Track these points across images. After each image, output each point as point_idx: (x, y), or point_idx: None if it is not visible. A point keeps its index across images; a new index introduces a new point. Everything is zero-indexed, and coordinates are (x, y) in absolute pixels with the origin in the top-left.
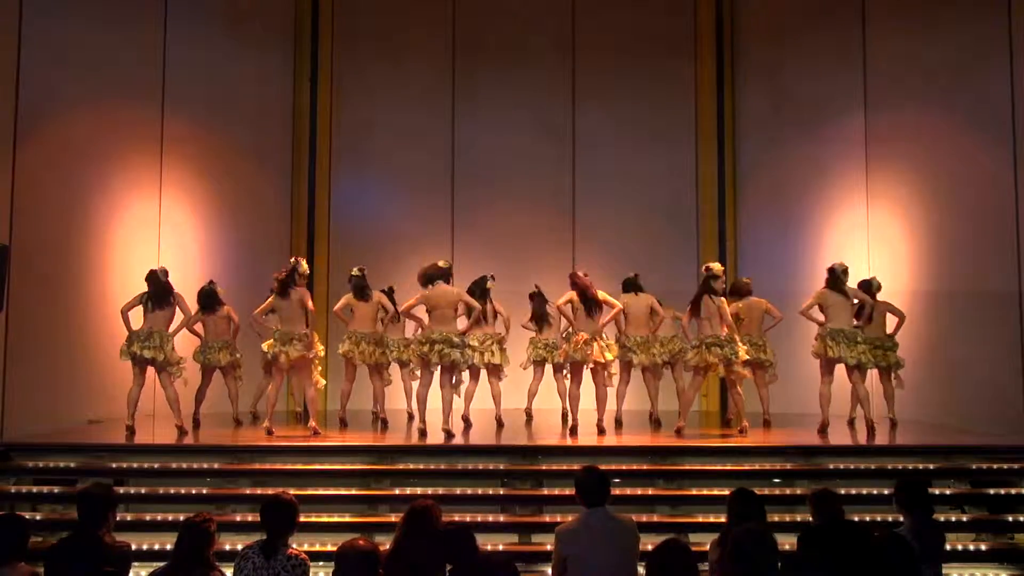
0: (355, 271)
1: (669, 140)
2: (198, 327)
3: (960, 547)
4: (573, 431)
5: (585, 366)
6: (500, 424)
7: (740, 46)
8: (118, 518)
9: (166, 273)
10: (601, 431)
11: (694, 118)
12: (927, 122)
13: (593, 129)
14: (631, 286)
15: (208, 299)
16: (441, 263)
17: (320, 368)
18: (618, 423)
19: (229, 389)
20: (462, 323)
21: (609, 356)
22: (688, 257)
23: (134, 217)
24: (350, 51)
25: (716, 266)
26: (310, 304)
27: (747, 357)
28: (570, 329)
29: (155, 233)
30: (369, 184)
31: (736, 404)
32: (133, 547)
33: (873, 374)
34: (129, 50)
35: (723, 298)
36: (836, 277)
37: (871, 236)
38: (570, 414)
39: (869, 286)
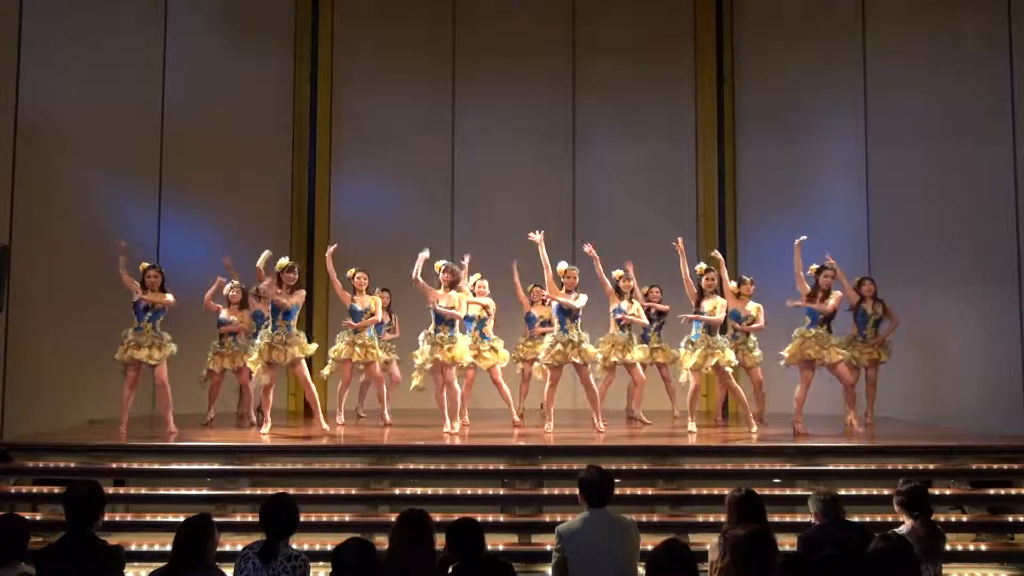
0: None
1: (669, 139)
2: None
3: (960, 547)
4: None
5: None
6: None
7: (740, 45)
8: (118, 518)
9: None
10: None
11: (694, 117)
12: (927, 120)
13: (593, 128)
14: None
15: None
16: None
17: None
18: None
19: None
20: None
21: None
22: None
23: (134, 217)
24: (350, 51)
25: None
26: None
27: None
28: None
29: (155, 233)
30: (369, 183)
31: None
32: (133, 547)
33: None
34: (129, 50)
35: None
36: None
37: (872, 235)
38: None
39: None
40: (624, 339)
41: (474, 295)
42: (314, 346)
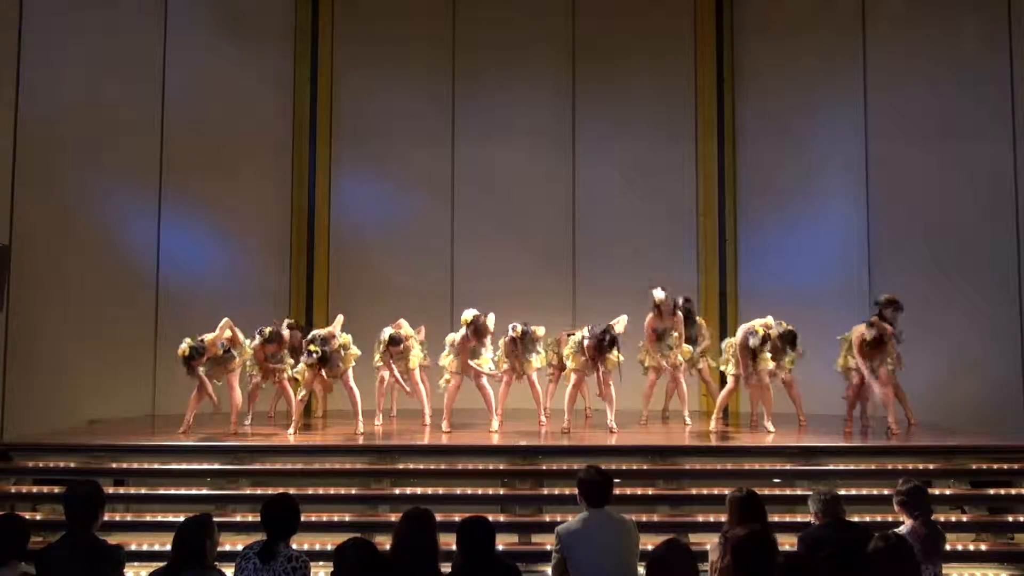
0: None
1: (669, 139)
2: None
3: (960, 547)
4: None
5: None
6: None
7: (740, 45)
8: (118, 518)
9: None
10: None
11: (694, 116)
12: (927, 120)
13: (593, 126)
14: None
15: None
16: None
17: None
18: None
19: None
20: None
21: None
22: (688, 258)
23: (134, 217)
24: (350, 51)
25: None
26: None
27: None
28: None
29: (155, 233)
30: (369, 183)
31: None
32: (133, 547)
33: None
34: (129, 49)
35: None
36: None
37: (872, 235)
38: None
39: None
40: (660, 347)
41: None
42: (358, 352)
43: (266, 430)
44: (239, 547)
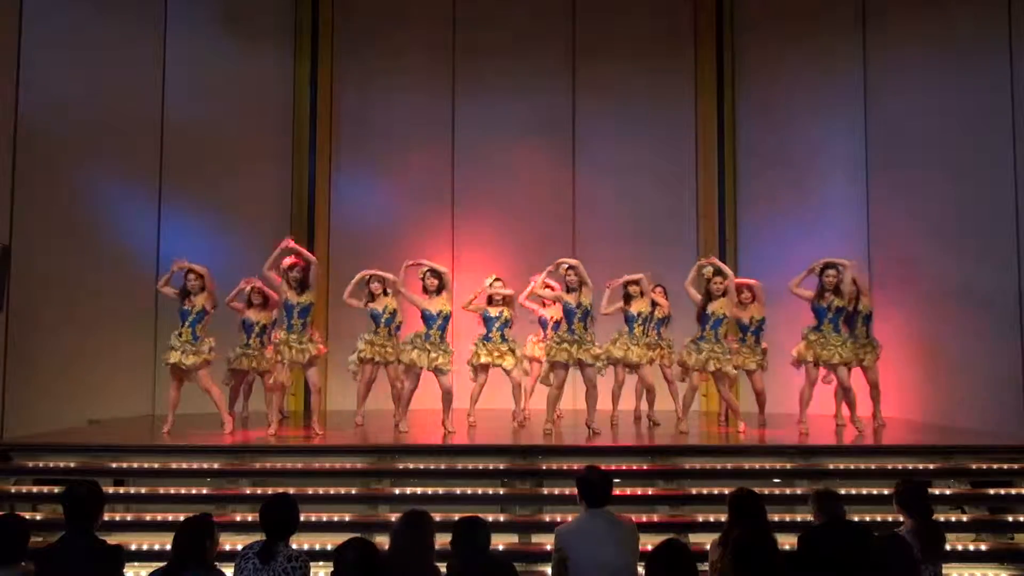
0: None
1: (669, 139)
2: None
3: (960, 547)
4: None
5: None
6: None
7: (740, 45)
8: (118, 518)
9: None
10: None
11: (694, 117)
12: (927, 119)
13: (593, 127)
14: None
15: None
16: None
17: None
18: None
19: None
20: None
21: None
22: (688, 257)
23: (134, 217)
24: (350, 51)
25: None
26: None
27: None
28: None
29: (154, 233)
30: (369, 182)
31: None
32: (133, 547)
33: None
34: (129, 49)
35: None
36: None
37: (872, 235)
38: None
39: None
40: (626, 337)
41: (491, 299)
42: (324, 347)
43: (265, 431)
44: (239, 547)
